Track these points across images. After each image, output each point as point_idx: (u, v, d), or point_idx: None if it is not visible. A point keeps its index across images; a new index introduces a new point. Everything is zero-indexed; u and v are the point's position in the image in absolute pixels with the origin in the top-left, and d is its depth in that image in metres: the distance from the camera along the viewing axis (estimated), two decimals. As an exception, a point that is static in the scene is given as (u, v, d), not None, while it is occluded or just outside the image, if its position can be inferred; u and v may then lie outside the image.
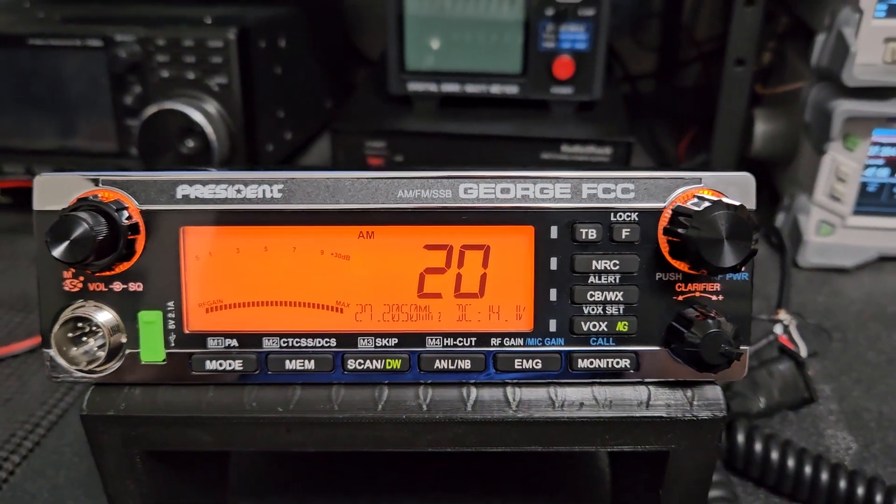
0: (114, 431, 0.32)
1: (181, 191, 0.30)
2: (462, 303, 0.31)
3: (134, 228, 0.30)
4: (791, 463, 0.43)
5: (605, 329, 0.31)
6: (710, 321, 0.29)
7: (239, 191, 0.30)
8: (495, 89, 0.79)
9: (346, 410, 0.31)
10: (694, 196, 0.29)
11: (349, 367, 0.31)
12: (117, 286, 0.31)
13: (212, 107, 0.68)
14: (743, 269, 0.28)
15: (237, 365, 0.31)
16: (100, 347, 0.31)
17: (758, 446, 0.44)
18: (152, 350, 0.31)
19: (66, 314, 0.30)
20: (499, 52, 0.77)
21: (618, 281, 0.30)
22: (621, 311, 0.31)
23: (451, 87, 0.79)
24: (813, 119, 0.68)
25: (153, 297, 0.31)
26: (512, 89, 0.78)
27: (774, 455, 0.43)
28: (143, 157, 0.68)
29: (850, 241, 0.70)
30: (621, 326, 0.31)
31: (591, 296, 0.30)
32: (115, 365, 0.31)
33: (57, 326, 0.30)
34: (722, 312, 0.30)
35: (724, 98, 0.75)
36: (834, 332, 0.60)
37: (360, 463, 0.47)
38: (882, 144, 0.67)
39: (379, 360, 0.31)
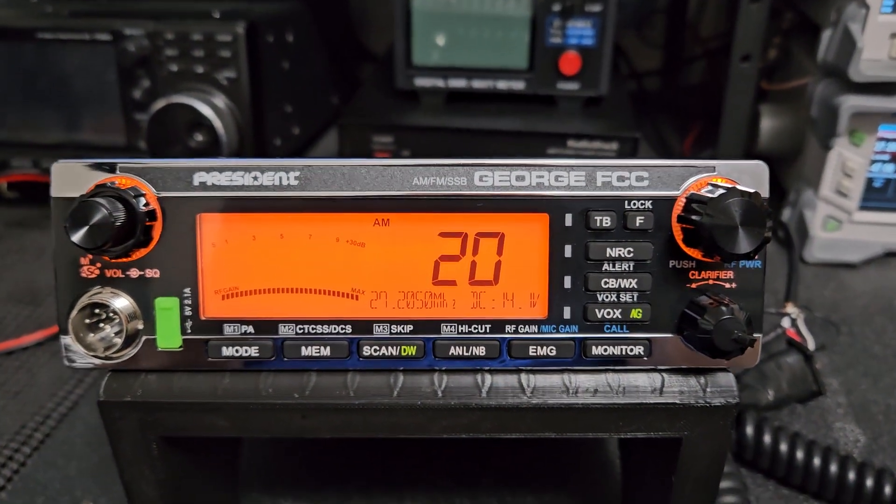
0: (130, 417, 0.32)
1: (198, 178, 0.31)
2: (477, 290, 0.31)
3: (151, 215, 0.30)
4: (800, 454, 0.43)
5: (619, 316, 0.31)
6: (723, 308, 0.29)
7: (255, 178, 0.30)
8: (502, 85, 0.79)
9: (361, 396, 0.31)
10: (708, 184, 0.30)
11: (364, 353, 0.31)
12: (134, 273, 0.31)
13: (220, 101, 0.68)
14: (756, 256, 0.29)
15: (253, 351, 0.31)
16: (116, 334, 0.31)
17: (767, 438, 0.44)
18: (169, 336, 0.31)
19: (83, 300, 0.31)
20: (505, 48, 0.78)
21: (632, 268, 0.31)
22: (635, 299, 0.31)
23: (457, 83, 0.79)
24: (819, 115, 0.68)
25: (170, 283, 0.31)
26: (518, 85, 0.79)
27: (783, 447, 0.44)
28: (152, 151, 0.68)
29: (857, 237, 0.70)
30: (635, 314, 0.31)
31: (605, 283, 0.31)
32: (131, 351, 0.31)
33: (74, 313, 0.31)
34: (735, 300, 0.30)
35: (731, 94, 0.75)
36: (841, 327, 0.60)
37: (368, 451, 0.48)
38: (888, 140, 0.67)
39: (394, 347, 0.31)
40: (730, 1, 1.08)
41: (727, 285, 0.30)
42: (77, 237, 0.28)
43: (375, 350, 0.31)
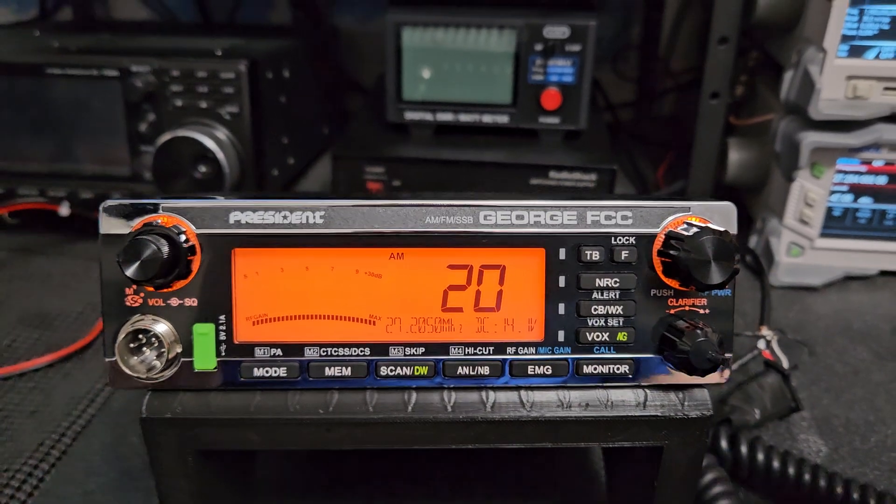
0: (170, 433, 0.35)
1: (233, 217, 0.34)
2: (481, 316, 0.35)
3: (191, 250, 0.34)
4: (792, 471, 0.47)
5: (607, 339, 0.35)
6: (698, 331, 0.33)
7: (285, 217, 0.34)
8: (487, 118, 0.84)
9: (380, 412, 0.35)
10: (684, 222, 0.34)
11: (381, 373, 0.35)
12: (174, 301, 0.34)
13: (223, 134, 0.72)
14: (727, 286, 0.33)
15: (282, 372, 0.35)
16: (157, 357, 0.34)
17: (760, 457, 0.48)
18: (205, 359, 0.35)
19: (128, 327, 0.34)
20: (491, 84, 0.82)
21: (618, 296, 0.35)
22: (621, 323, 0.35)
23: (445, 116, 0.84)
24: (782, 149, 0.74)
25: (207, 311, 0.34)
26: (503, 119, 0.83)
27: (776, 464, 0.47)
28: (158, 183, 0.71)
29: (818, 262, 0.76)
30: (621, 336, 0.35)
31: (595, 309, 0.35)
32: (170, 372, 0.35)
33: (120, 338, 0.34)
34: (708, 324, 0.34)
35: (701, 129, 0.81)
36: (812, 347, 0.65)
37: (368, 462, 0.51)
38: (846, 172, 0.73)
39: (408, 367, 0.35)
40: (699, 38, 1.15)
41: (702, 311, 0.35)
42: (130, 271, 0.31)
43: (391, 370, 0.35)
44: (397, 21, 0.80)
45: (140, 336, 0.34)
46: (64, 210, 0.75)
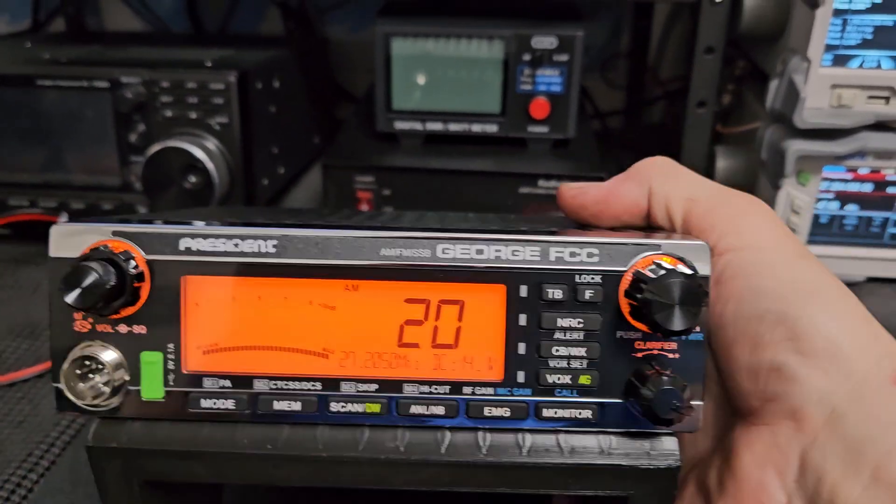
0: (115, 462, 0.34)
1: (183, 243, 0.33)
2: (438, 353, 0.33)
3: (140, 277, 0.32)
4: None
5: (569, 382, 0.32)
6: (664, 378, 0.31)
7: (236, 245, 0.33)
8: (476, 128, 0.84)
9: (329, 449, 0.33)
10: (652, 262, 0.32)
11: (332, 409, 0.33)
12: (123, 328, 0.33)
13: (212, 144, 0.72)
14: (698, 329, 0.31)
15: (230, 404, 0.33)
16: (104, 384, 0.33)
17: None
18: (152, 388, 0.33)
19: (75, 352, 0.33)
20: (480, 94, 0.83)
21: (582, 338, 0.32)
22: (584, 366, 0.33)
23: (435, 126, 0.84)
24: (768, 157, 0.74)
25: (155, 339, 0.33)
26: (492, 128, 0.84)
27: None
28: (147, 193, 0.72)
29: (805, 269, 0.76)
30: (584, 380, 0.32)
31: (557, 351, 0.32)
32: (117, 400, 0.33)
33: (66, 364, 0.33)
34: (678, 370, 0.32)
35: (688, 137, 0.81)
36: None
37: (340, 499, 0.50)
38: (832, 180, 0.74)
39: (360, 404, 0.33)
40: (687, 47, 1.16)
41: (671, 356, 0.32)
42: (70, 298, 0.30)
43: (342, 406, 0.33)
44: (387, 31, 0.80)
45: (87, 362, 0.33)
46: (62, 221, 0.76)
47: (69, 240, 0.33)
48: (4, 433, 0.56)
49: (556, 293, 0.32)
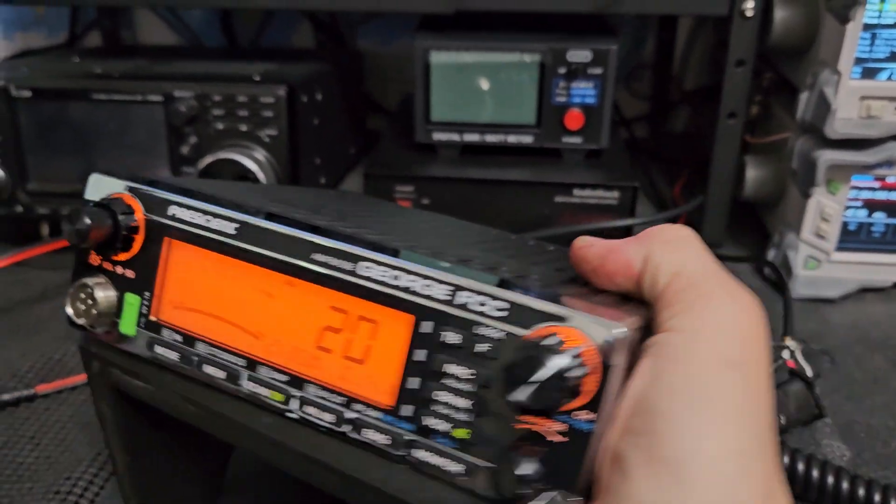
0: (95, 364, 0.41)
1: (171, 210, 0.37)
2: (346, 364, 0.33)
3: (135, 229, 0.37)
4: (816, 473, 0.49)
5: (448, 430, 0.31)
6: (520, 458, 0.28)
7: (208, 221, 0.36)
8: (512, 139, 0.87)
9: (243, 416, 0.36)
10: (550, 333, 0.28)
11: (245, 386, 0.35)
12: (119, 269, 0.38)
13: (261, 155, 0.75)
14: (593, 418, 0.27)
15: (174, 356, 0.38)
16: (96, 311, 0.39)
17: (785, 459, 0.50)
18: (128, 325, 0.39)
19: (81, 280, 0.39)
20: (516, 106, 0.86)
21: (468, 389, 0.30)
22: (464, 419, 0.30)
23: (472, 137, 0.87)
24: (799, 167, 0.77)
25: (138, 284, 0.38)
26: (527, 139, 0.87)
27: (801, 467, 0.50)
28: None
29: (835, 275, 0.78)
30: (461, 433, 0.30)
31: (441, 396, 0.31)
32: (105, 327, 0.39)
33: (73, 288, 0.39)
34: (555, 454, 0.28)
35: (718, 147, 0.84)
36: (823, 356, 0.67)
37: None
38: (860, 188, 0.76)
39: (268, 389, 0.35)
40: (712, 57, 1.18)
41: (552, 437, 0.28)
42: (65, 231, 0.36)
43: (254, 386, 0.35)
44: (425, 46, 0.83)
45: (88, 289, 0.38)
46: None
47: (98, 187, 0.39)
48: (72, 434, 0.59)
49: (453, 338, 0.30)
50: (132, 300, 0.38)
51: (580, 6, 0.78)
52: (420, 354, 0.31)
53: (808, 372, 0.59)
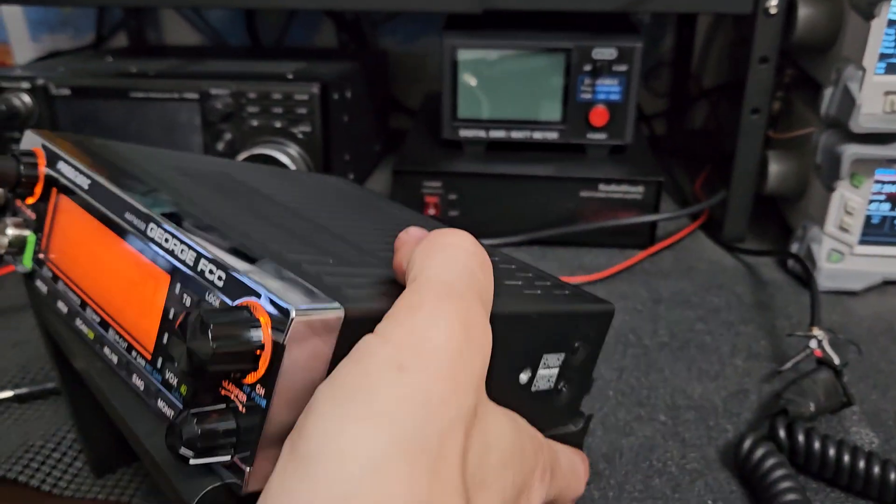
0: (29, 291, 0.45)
1: (59, 164, 0.42)
2: (136, 315, 0.35)
3: (36, 178, 0.43)
4: (847, 458, 0.50)
5: (175, 384, 0.32)
6: (194, 417, 0.28)
7: (75, 176, 0.40)
8: (538, 135, 0.88)
9: (82, 354, 0.39)
10: (253, 305, 0.28)
11: (77, 323, 0.39)
12: (27, 211, 0.44)
13: (294, 151, 0.77)
14: (262, 392, 0.28)
15: (45, 290, 0.43)
16: (7, 242, 0.44)
17: (816, 444, 0.51)
18: (27, 259, 0.44)
19: (2, 218, 0.44)
20: (541, 103, 0.87)
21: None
22: (183, 378, 0.32)
23: (497, 134, 0.89)
24: (823, 161, 0.78)
25: (36, 225, 0.43)
26: (552, 135, 0.88)
27: (832, 451, 0.51)
28: (236, 197, 0.76)
29: (858, 267, 0.79)
30: (183, 389, 0.32)
31: (176, 352, 0.30)
32: (13, 252, 0.44)
33: (0, 221, 0.44)
34: (239, 426, 0.28)
35: (741, 143, 0.85)
36: (850, 346, 0.68)
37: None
38: (884, 182, 0.77)
39: (87, 328, 0.39)
40: (731, 54, 1.19)
41: (240, 407, 0.29)
42: None
43: (81, 323, 0.39)
44: (453, 44, 0.85)
45: (3, 225, 0.45)
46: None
47: (27, 142, 0.44)
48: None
49: (186, 300, 0.32)
50: (31, 239, 0.44)
51: (606, 4, 0.80)
52: (170, 312, 0.33)
53: (836, 360, 0.60)
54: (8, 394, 0.60)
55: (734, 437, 0.56)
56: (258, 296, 0.29)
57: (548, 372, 0.41)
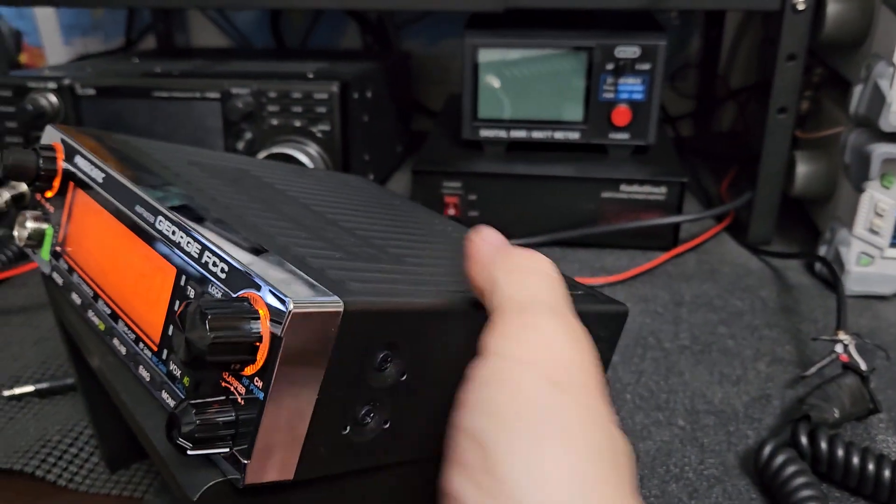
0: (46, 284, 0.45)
1: (76, 159, 0.42)
2: (145, 307, 0.35)
3: (54, 172, 0.43)
4: (872, 466, 0.49)
5: (178, 376, 0.33)
6: (193, 408, 0.27)
7: (90, 170, 0.40)
8: (559, 135, 0.87)
9: (94, 345, 0.39)
10: (252, 297, 0.28)
11: (90, 314, 0.39)
12: (47, 204, 0.45)
13: (314, 150, 0.77)
14: (260, 385, 0.28)
15: (60, 281, 0.43)
16: (28, 235, 0.45)
17: (840, 452, 0.50)
18: (45, 251, 0.44)
19: (23, 211, 0.45)
20: (563, 103, 0.86)
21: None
22: (185, 369, 0.32)
23: (518, 134, 0.88)
24: (852, 161, 0.76)
25: (54, 218, 0.44)
26: (574, 135, 0.87)
27: (856, 460, 0.49)
28: (255, 196, 0.77)
29: (888, 271, 0.77)
30: (186, 381, 0.32)
31: (176, 343, 0.30)
32: (33, 247, 0.45)
33: (19, 216, 0.45)
34: (238, 418, 0.28)
35: (768, 143, 0.83)
36: (878, 352, 0.66)
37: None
38: (915, 183, 0.74)
39: (98, 319, 0.39)
40: (759, 55, 1.17)
41: (238, 399, 0.28)
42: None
43: (93, 314, 0.39)
44: (474, 43, 0.84)
45: (23, 218, 0.45)
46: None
47: (48, 137, 0.44)
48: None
49: (190, 292, 0.32)
50: (49, 231, 0.44)
51: (630, 2, 0.79)
52: (176, 305, 0.33)
53: (862, 366, 0.58)
54: (28, 388, 0.60)
55: (755, 443, 0.55)
56: (258, 288, 0.28)
57: None
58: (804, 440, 0.51)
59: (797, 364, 0.65)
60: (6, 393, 0.60)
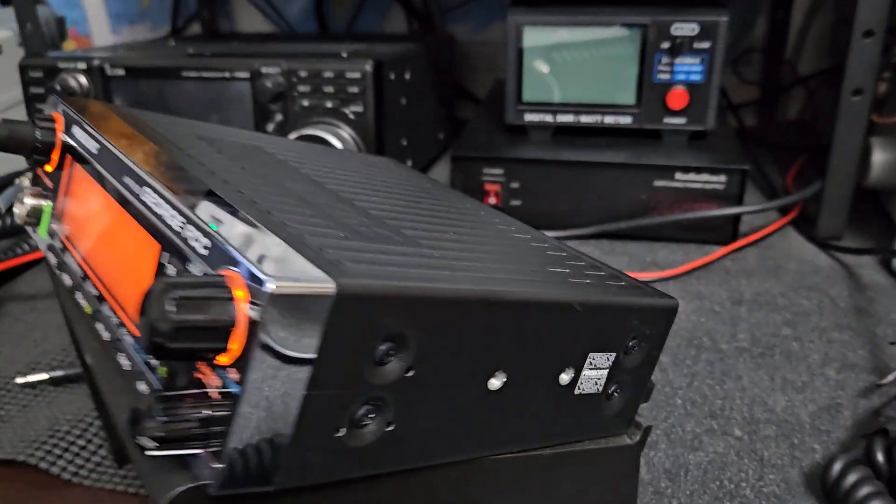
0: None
1: (73, 130, 0.40)
2: (131, 289, 0.33)
3: (52, 145, 0.41)
4: None
5: (157, 366, 0.30)
6: (160, 402, 0.25)
7: (86, 140, 0.38)
8: (609, 120, 0.82)
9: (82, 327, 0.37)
10: (220, 275, 0.26)
11: (77, 296, 0.37)
12: (46, 180, 0.42)
13: (346, 133, 0.73)
14: (236, 378, 0.24)
15: (54, 261, 0.40)
16: (26, 212, 0.43)
17: None
18: (43, 228, 0.42)
19: (23, 187, 0.43)
20: (613, 85, 0.81)
21: None
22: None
23: (565, 118, 0.83)
24: (937, 147, 0.68)
25: (51, 194, 0.42)
26: (625, 120, 0.82)
27: None
28: (284, 180, 0.74)
29: (976, 270, 0.70)
30: (162, 371, 0.29)
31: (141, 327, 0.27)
32: (31, 223, 0.43)
33: (21, 190, 0.43)
34: (212, 414, 0.25)
35: (840, 128, 0.76)
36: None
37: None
38: None
39: (85, 300, 0.37)
40: (834, 35, 1.09)
41: (211, 392, 0.25)
42: None
43: (82, 297, 0.37)
44: (518, 21, 0.79)
45: (22, 194, 0.43)
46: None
47: (49, 107, 0.42)
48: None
49: (170, 268, 0.29)
50: (47, 208, 0.42)
51: (687, -26, 0.73)
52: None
53: (943, 375, 0.52)
54: (43, 376, 0.59)
55: (822, 459, 0.50)
56: (237, 265, 0.25)
57: (595, 373, 0.36)
58: (880, 456, 0.46)
59: (871, 371, 0.59)
60: (20, 380, 0.58)
